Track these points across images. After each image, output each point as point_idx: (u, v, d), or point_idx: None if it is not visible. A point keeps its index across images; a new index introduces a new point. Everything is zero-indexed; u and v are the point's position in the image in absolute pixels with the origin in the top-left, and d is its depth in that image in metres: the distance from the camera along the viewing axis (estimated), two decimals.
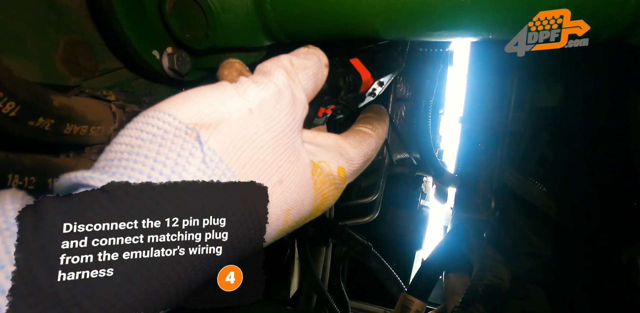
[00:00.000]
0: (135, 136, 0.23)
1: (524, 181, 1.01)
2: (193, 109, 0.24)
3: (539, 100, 1.01)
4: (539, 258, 1.06)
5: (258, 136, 0.25)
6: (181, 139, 0.23)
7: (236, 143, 0.24)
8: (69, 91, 0.50)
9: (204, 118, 0.24)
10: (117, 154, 0.23)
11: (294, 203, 0.28)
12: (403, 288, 1.04)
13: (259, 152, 0.25)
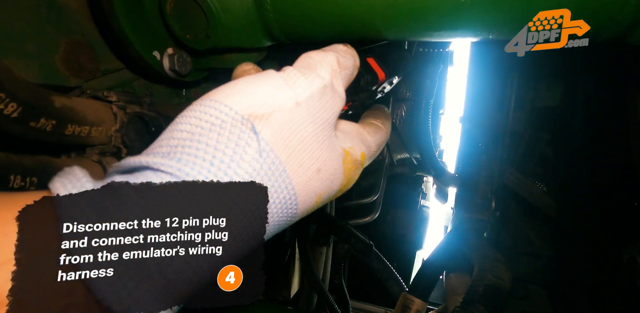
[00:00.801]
0: (194, 124, 0.24)
1: (524, 181, 1.01)
2: (247, 100, 0.25)
3: (539, 100, 1.01)
4: (539, 258, 1.06)
5: (302, 128, 0.27)
6: (238, 129, 0.24)
7: (284, 134, 0.26)
8: (70, 91, 0.50)
9: (257, 110, 0.25)
10: (179, 141, 0.24)
11: (326, 188, 0.30)
12: (404, 287, 1.04)
13: (303, 143, 0.27)
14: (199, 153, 0.23)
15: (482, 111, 1.02)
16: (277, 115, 0.26)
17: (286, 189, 0.26)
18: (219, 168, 0.23)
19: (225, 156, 0.23)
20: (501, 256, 0.79)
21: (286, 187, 0.26)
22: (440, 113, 1.22)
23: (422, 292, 0.75)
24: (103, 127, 0.48)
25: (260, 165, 0.24)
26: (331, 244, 1.27)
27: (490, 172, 1.01)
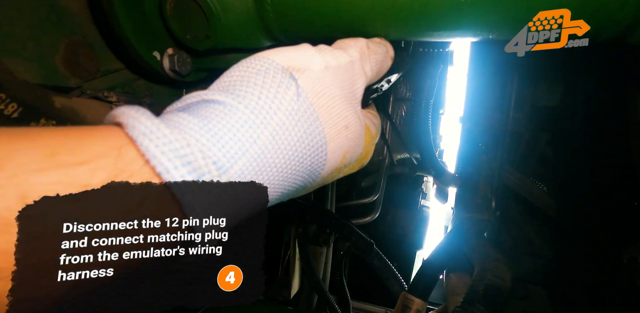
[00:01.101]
0: (244, 71, 0.29)
1: (525, 181, 1.01)
2: (285, 57, 0.30)
3: (539, 100, 1.01)
4: (539, 258, 1.06)
5: (331, 89, 0.31)
6: (279, 75, 0.29)
7: (316, 88, 0.30)
8: (70, 92, 0.50)
9: (294, 64, 0.30)
10: (231, 82, 0.29)
11: (351, 148, 0.33)
12: (404, 287, 1.04)
13: (332, 100, 0.31)
14: (247, 89, 0.27)
15: (482, 111, 1.02)
16: (310, 72, 0.30)
17: (319, 135, 0.29)
18: (265, 102, 0.27)
19: (269, 93, 0.27)
20: (501, 256, 0.79)
21: (319, 133, 0.29)
22: (440, 113, 1.22)
23: (422, 291, 0.75)
24: None
25: (298, 106, 0.28)
26: (331, 244, 1.27)
27: (490, 172, 1.01)
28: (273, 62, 0.29)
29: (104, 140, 0.20)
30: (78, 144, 0.19)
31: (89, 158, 0.19)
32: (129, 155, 0.20)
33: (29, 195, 0.16)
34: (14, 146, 0.17)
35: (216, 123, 0.24)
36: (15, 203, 0.16)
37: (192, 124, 0.23)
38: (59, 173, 0.17)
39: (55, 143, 0.18)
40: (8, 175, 0.16)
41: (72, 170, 0.18)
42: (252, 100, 0.26)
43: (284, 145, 0.26)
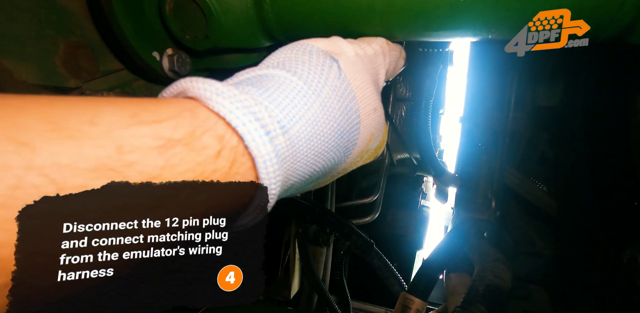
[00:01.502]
0: (289, 52, 0.32)
1: (525, 180, 1.01)
2: (323, 43, 0.34)
3: (539, 100, 1.01)
4: (540, 258, 1.06)
5: (362, 74, 0.34)
6: (322, 56, 0.32)
7: (352, 70, 0.33)
8: (69, 92, 0.50)
9: (332, 49, 0.34)
10: (279, 61, 0.31)
11: (376, 131, 0.36)
12: (404, 286, 1.04)
13: (364, 83, 0.34)
14: (298, 66, 0.30)
15: (482, 110, 1.02)
16: (346, 57, 0.34)
17: (355, 113, 0.32)
18: (314, 76, 0.29)
19: (317, 69, 0.30)
20: (502, 256, 0.79)
21: (355, 111, 0.32)
22: (440, 113, 1.22)
23: (422, 291, 0.75)
24: None
25: (340, 83, 0.31)
26: (331, 244, 1.27)
27: (490, 172, 1.01)
28: (314, 47, 0.33)
29: (177, 103, 0.22)
30: (155, 108, 0.21)
31: (167, 117, 0.20)
32: (202, 114, 0.22)
33: (124, 145, 0.18)
34: (101, 108, 0.19)
35: (274, 90, 0.26)
36: (114, 152, 0.18)
37: (254, 90, 0.25)
38: (144, 128, 0.19)
39: (134, 106, 0.20)
40: (103, 130, 0.18)
41: (155, 126, 0.20)
42: (302, 74, 0.29)
43: (331, 116, 0.29)
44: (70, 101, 0.19)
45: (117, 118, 0.19)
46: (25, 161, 0.16)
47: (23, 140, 0.16)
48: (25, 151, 0.16)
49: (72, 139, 0.17)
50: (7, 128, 0.16)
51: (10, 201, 0.15)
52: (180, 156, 0.20)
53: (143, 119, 0.19)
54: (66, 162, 0.16)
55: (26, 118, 0.17)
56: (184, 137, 0.20)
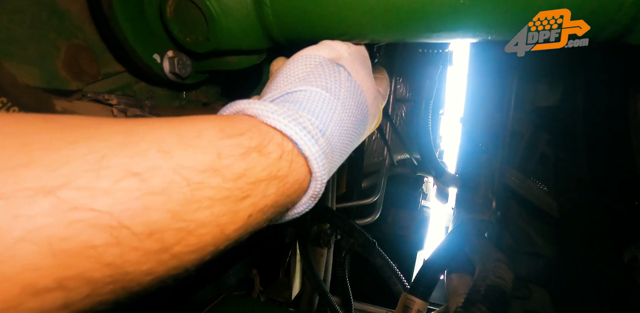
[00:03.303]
0: (304, 67, 0.38)
1: (525, 180, 1.01)
2: (325, 51, 0.40)
3: (539, 100, 1.01)
4: (541, 258, 1.06)
5: (359, 68, 0.41)
6: (331, 65, 0.38)
7: (353, 69, 0.40)
8: (71, 95, 0.50)
9: (334, 55, 0.40)
10: (300, 77, 0.37)
11: (375, 114, 0.44)
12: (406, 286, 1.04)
13: (364, 76, 0.41)
14: (317, 78, 0.36)
15: (482, 111, 1.02)
16: (344, 59, 0.40)
17: (364, 104, 0.39)
18: (333, 84, 0.36)
19: (333, 78, 0.37)
20: (503, 256, 0.79)
21: (364, 102, 0.39)
22: (440, 113, 1.22)
23: (423, 292, 0.75)
24: None
25: (350, 84, 0.38)
26: (332, 245, 1.27)
27: (490, 172, 1.01)
28: (321, 57, 0.39)
29: (246, 121, 0.29)
30: (234, 124, 0.27)
31: (243, 131, 0.27)
32: (264, 128, 0.29)
33: (221, 153, 0.25)
34: (200, 124, 0.26)
35: (307, 103, 0.33)
36: (216, 158, 0.24)
37: (293, 106, 0.33)
38: (232, 140, 0.26)
39: (220, 123, 0.27)
40: (207, 141, 0.24)
41: (238, 138, 0.26)
42: (324, 85, 0.36)
43: (350, 113, 0.37)
44: (181, 120, 0.26)
45: (213, 132, 0.25)
46: (169, 164, 0.22)
47: (165, 149, 0.22)
48: (167, 157, 0.22)
49: (190, 148, 0.23)
50: (155, 141, 0.22)
51: (166, 191, 0.21)
52: (256, 160, 0.26)
53: (229, 133, 0.26)
54: (190, 165, 0.23)
55: (162, 133, 0.23)
56: (257, 145, 0.27)
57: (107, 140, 0.21)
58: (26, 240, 0.16)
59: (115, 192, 0.19)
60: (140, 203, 0.20)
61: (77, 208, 0.18)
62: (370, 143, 1.24)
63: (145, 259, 0.20)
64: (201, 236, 0.23)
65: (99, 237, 0.18)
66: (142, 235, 0.20)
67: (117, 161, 0.20)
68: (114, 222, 0.19)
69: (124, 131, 0.22)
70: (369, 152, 1.25)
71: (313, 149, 0.30)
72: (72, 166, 0.18)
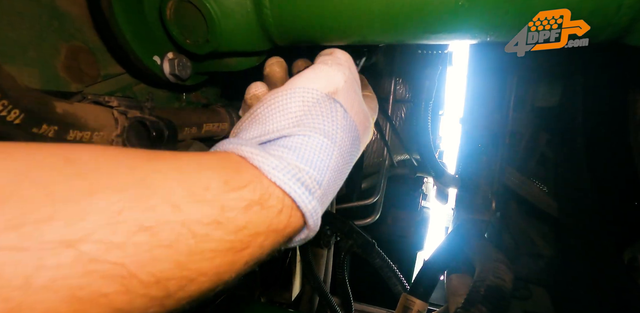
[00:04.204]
0: (303, 104, 0.37)
1: (525, 181, 1.01)
2: (321, 83, 0.39)
3: (538, 100, 1.01)
4: (541, 258, 1.06)
5: (353, 96, 0.41)
6: (328, 103, 0.37)
7: (348, 102, 0.39)
8: (71, 97, 0.50)
9: (330, 88, 0.38)
10: (299, 116, 0.36)
11: (368, 139, 0.45)
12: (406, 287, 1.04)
13: (356, 106, 0.40)
14: (315, 120, 0.36)
15: (482, 111, 1.02)
16: (341, 91, 0.39)
17: (357, 138, 0.40)
18: (329, 126, 0.36)
19: (329, 119, 0.37)
20: (502, 256, 0.79)
21: (357, 136, 0.40)
22: (440, 114, 1.22)
23: (423, 292, 0.75)
24: (104, 132, 0.48)
25: (346, 122, 0.38)
26: (332, 246, 1.27)
27: (490, 173, 1.01)
28: (318, 92, 0.38)
29: (248, 172, 0.30)
30: (238, 176, 0.28)
31: (247, 182, 0.28)
32: (265, 181, 0.30)
33: (225, 206, 0.26)
34: (204, 174, 0.27)
35: (304, 151, 0.34)
36: (220, 211, 0.26)
37: (292, 153, 0.33)
38: (235, 193, 0.27)
39: (224, 174, 0.28)
40: (213, 194, 0.26)
41: (242, 191, 0.28)
42: (321, 128, 0.36)
43: (345, 152, 0.37)
44: (190, 169, 0.27)
45: (218, 184, 0.27)
46: (178, 218, 0.23)
47: (175, 202, 0.24)
48: (176, 211, 0.23)
49: (198, 202, 0.25)
50: (166, 195, 0.24)
51: (173, 243, 0.23)
52: (257, 213, 0.28)
53: (233, 185, 0.27)
54: (197, 218, 0.24)
55: (173, 186, 0.25)
56: (259, 199, 0.28)
57: (122, 191, 0.22)
58: (49, 289, 0.18)
59: (128, 246, 0.21)
60: (150, 255, 0.22)
61: (94, 260, 0.20)
62: (370, 143, 1.24)
63: (151, 304, 0.22)
64: (201, 284, 0.25)
65: (111, 286, 0.20)
66: (149, 283, 0.22)
67: (131, 216, 0.22)
68: (124, 272, 0.21)
69: (137, 183, 0.23)
70: (368, 153, 1.25)
71: (310, 206, 0.31)
72: (91, 220, 0.20)
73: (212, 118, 0.69)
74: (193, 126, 0.64)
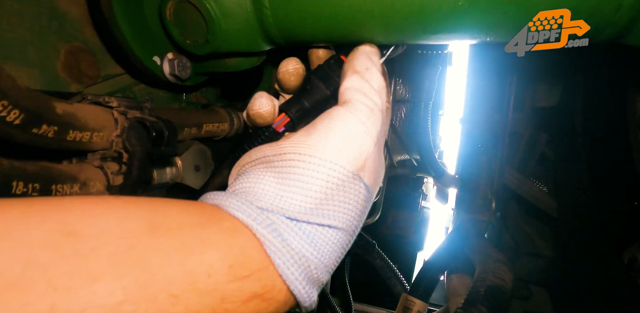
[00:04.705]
0: (327, 186, 0.33)
1: (525, 181, 1.01)
2: (352, 155, 0.35)
3: (538, 100, 1.01)
4: (541, 258, 1.06)
5: (376, 159, 0.37)
6: (354, 184, 0.34)
7: (371, 171, 0.36)
8: (71, 97, 0.50)
9: (359, 162, 0.35)
10: (320, 198, 0.33)
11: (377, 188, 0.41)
12: (406, 287, 1.04)
13: (376, 170, 0.37)
14: (337, 208, 0.33)
15: (481, 111, 1.02)
16: (369, 160, 0.36)
17: (370, 206, 0.37)
18: (350, 214, 0.33)
19: (352, 206, 0.34)
20: (503, 256, 0.79)
21: (369, 204, 0.37)
22: (439, 114, 1.22)
23: (423, 293, 0.76)
24: (104, 132, 0.48)
25: (365, 202, 0.35)
26: None
27: (490, 173, 1.01)
28: (345, 171, 0.34)
29: (255, 256, 0.28)
30: (245, 260, 0.27)
31: (253, 271, 0.27)
32: (274, 274, 0.28)
33: (225, 297, 0.26)
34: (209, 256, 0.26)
35: (320, 246, 0.32)
36: (219, 301, 0.25)
37: (307, 248, 0.31)
38: (238, 283, 0.26)
39: (231, 258, 0.27)
40: (215, 282, 0.25)
41: (245, 281, 0.27)
42: (340, 219, 0.33)
43: (356, 231, 0.36)
44: (194, 244, 0.26)
45: (222, 270, 0.26)
46: (176, 310, 0.23)
47: (174, 292, 0.23)
48: (175, 302, 0.23)
49: (197, 291, 0.24)
50: (166, 285, 0.23)
51: None
52: (257, 305, 0.27)
53: (237, 273, 0.26)
54: (195, 310, 0.24)
55: (174, 272, 0.24)
56: (261, 290, 0.27)
57: (122, 278, 0.22)
58: None
59: None
60: None
61: None
62: None
63: None
64: None
65: None
66: None
67: (130, 308, 0.21)
68: None
69: (137, 267, 0.23)
70: None
71: (310, 301, 0.31)
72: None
73: (212, 118, 0.69)
74: (193, 127, 0.64)
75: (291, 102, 0.45)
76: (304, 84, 0.47)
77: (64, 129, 0.42)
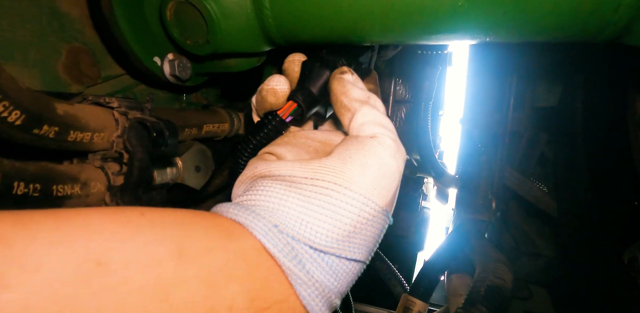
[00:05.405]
0: (357, 221, 0.33)
1: (525, 181, 1.01)
2: (385, 189, 0.35)
3: (538, 100, 1.01)
4: (541, 258, 1.06)
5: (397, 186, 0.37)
6: (381, 219, 0.35)
7: (394, 201, 0.37)
8: (72, 98, 0.50)
9: (389, 197, 0.36)
10: (350, 232, 0.33)
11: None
12: (406, 288, 1.04)
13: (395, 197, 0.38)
14: (364, 243, 0.33)
15: (481, 111, 1.03)
16: (394, 191, 0.37)
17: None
18: (372, 246, 0.34)
19: (376, 238, 0.35)
20: (503, 256, 0.79)
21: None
22: (439, 114, 1.22)
23: (423, 293, 0.76)
24: (105, 133, 0.48)
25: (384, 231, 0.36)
26: None
27: (490, 173, 1.01)
28: (377, 206, 0.34)
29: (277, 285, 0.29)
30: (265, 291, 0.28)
31: (272, 303, 0.28)
32: (292, 301, 0.29)
33: None
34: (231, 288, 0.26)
35: (342, 278, 0.32)
36: None
37: (331, 281, 0.31)
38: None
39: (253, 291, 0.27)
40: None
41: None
42: (365, 252, 0.34)
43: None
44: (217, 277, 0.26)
45: (244, 303, 0.26)
46: None
47: None
48: None
49: None
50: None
51: None
52: None
53: (258, 306, 0.27)
54: None
55: (194, 308, 0.24)
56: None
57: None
58: None
59: None
60: None
61: None
62: None
63: None
64: None
65: None
66: None
67: None
68: None
69: (163, 302, 0.23)
70: None
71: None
72: None
73: (213, 119, 0.69)
74: (193, 127, 0.64)
75: (296, 90, 0.44)
76: (302, 70, 0.47)
77: (65, 130, 0.43)
